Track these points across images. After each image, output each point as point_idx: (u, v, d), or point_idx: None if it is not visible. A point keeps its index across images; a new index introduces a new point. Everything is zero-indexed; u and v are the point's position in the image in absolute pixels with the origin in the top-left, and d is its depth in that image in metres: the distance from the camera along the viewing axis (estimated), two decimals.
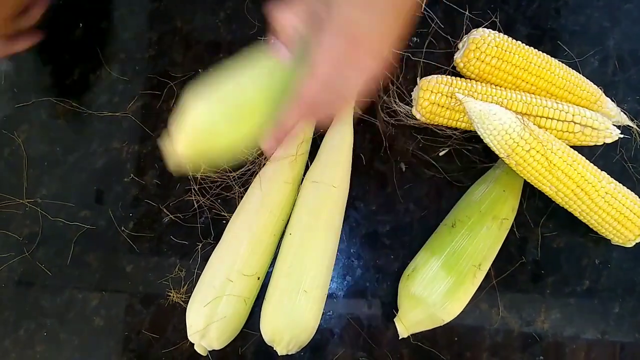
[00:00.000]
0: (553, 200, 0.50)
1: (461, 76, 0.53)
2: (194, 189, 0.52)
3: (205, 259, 0.49)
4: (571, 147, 0.48)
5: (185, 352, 0.49)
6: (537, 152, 0.45)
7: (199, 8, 0.57)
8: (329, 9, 0.33)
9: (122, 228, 0.52)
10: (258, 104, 0.36)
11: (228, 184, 0.53)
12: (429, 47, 0.57)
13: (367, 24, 0.32)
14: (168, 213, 0.52)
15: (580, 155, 0.48)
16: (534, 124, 0.47)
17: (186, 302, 0.48)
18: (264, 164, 0.52)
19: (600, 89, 0.53)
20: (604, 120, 0.50)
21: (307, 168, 0.52)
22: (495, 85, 0.52)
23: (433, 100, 0.50)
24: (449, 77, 0.51)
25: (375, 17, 0.32)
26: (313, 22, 0.35)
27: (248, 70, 0.37)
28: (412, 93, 0.54)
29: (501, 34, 0.51)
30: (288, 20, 0.36)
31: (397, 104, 0.54)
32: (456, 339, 0.51)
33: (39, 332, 0.51)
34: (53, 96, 0.55)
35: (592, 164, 0.48)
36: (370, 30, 0.33)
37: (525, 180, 0.49)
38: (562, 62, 0.53)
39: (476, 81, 0.52)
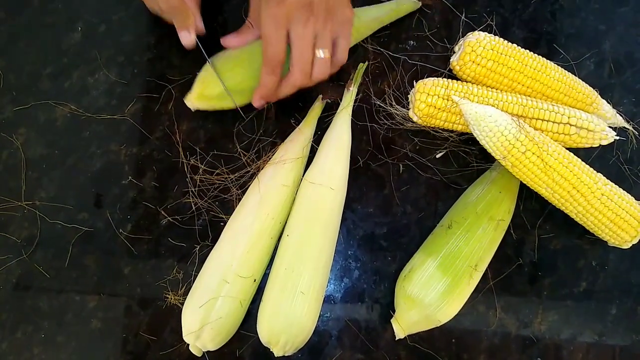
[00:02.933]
0: (549, 202, 0.50)
1: (457, 79, 0.54)
2: (191, 191, 0.53)
3: (203, 261, 0.49)
4: (567, 149, 0.49)
5: (183, 354, 0.49)
6: (533, 153, 0.45)
7: None
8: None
9: (120, 230, 0.52)
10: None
11: (226, 186, 0.53)
12: (425, 50, 0.57)
13: None
14: (166, 215, 0.53)
15: (576, 157, 0.48)
16: (529, 126, 0.48)
17: (184, 304, 0.48)
18: (263, 167, 0.52)
19: (596, 91, 0.53)
20: (600, 122, 0.50)
21: (305, 171, 0.52)
22: (491, 88, 0.52)
23: (429, 102, 0.50)
24: (445, 79, 0.51)
25: None
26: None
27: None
28: (408, 96, 0.54)
29: (497, 37, 0.51)
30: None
31: (393, 107, 0.54)
32: (453, 340, 0.51)
33: (36, 334, 0.51)
34: (51, 99, 0.56)
35: (588, 166, 0.48)
36: None
37: (521, 182, 0.50)
38: (558, 64, 0.53)
39: (472, 84, 0.52)
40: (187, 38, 0.50)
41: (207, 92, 0.51)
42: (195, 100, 0.51)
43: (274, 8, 0.43)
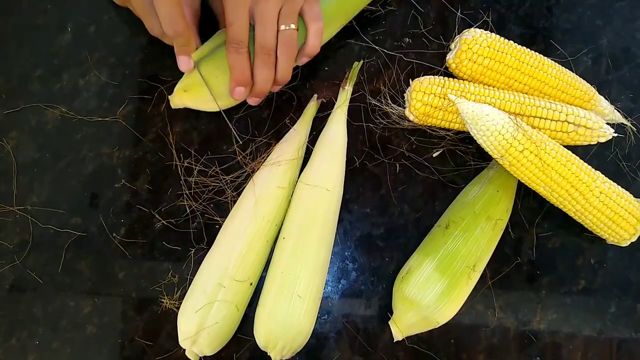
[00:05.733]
0: (548, 200, 0.49)
1: (454, 77, 0.53)
2: (185, 193, 0.52)
3: (199, 264, 0.48)
4: (565, 146, 0.48)
5: (179, 359, 0.49)
6: (531, 152, 0.45)
7: None
8: None
9: (114, 234, 0.52)
10: None
11: (220, 188, 0.52)
12: (421, 48, 0.57)
13: None
14: (160, 218, 0.52)
15: (574, 154, 0.47)
16: (527, 124, 0.47)
17: (179, 308, 0.47)
18: (257, 168, 0.51)
19: (594, 87, 0.53)
20: (598, 120, 0.50)
21: (301, 173, 0.51)
22: (488, 86, 0.51)
23: (426, 101, 0.50)
24: (441, 78, 0.51)
25: None
26: None
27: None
28: (404, 94, 0.54)
29: (493, 34, 0.51)
30: None
31: (389, 106, 0.53)
32: (452, 340, 0.51)
33: (31, 340, 0.50)
34: (42, 102, 0.55)
35: (586, 164, 0.48)
36: None
37: (519, 181, 0.49)
38: (555, 61, 0.53)
39: (469, 82, 0.51)
40: (186, 64, 0.49)
41: (190, 92, 0.50)
42: (178, 99, 0.50)
43: None
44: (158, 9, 0.43)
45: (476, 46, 0.49)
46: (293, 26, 0.46)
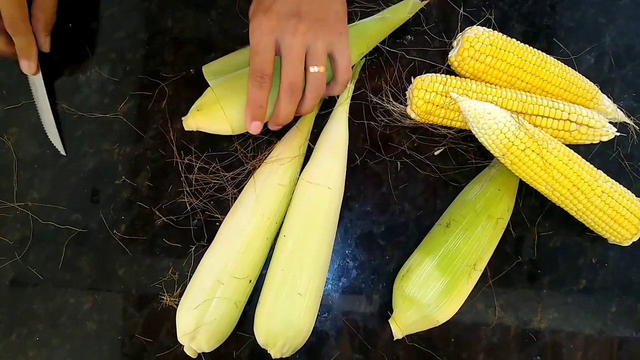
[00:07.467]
0: (549, 199, 0.49)
1: (456, 74, 0.53)
2: (186, 190, 0.52)
3: (199, 261, 0.48)
4: (567, 145, 0.48)
5: (179, 356, 0.49)
6: (533, 151, 0.45)
7: (190, 7, 0.57)
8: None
9: (114, 231, 0.52)
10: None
11: (221, 186, 0.52)
12: (423, 45, 0.56)
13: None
14: (160, 215, 0.52)
15: (576, 153, 0.47)
16: (529, 123, 0.47)
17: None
18: (258, 166, 0.51)
19: (597, 85, 0.53)
20: (600, 119, 0.50)
21: (302, 170, 0.51)
22: (490, 84, 0.51)
23: (427, 99, 0.49)
24: (443, 75, 0.50)
25: None
26: None
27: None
28: (406, 92, 0.53)
29: (496, 32, 0.50)
30: None
31: (391, 104, 0.53)
32: (452, 339, 0.51)
33: (31, 337, 0.50)
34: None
35: (588, 163, 0.48)
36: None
37: (521, 179, 0.49)
38: (558, 59, 0.52)
39: (471, 80, 0.51)
40: (28, 68, 0.50)
41: (204, 114, 0.49)
42: (192, 120, 0.49)
43: (260, 17, 0.42)
44: (1, 6, 0.43)
45: (478, 44, 0.49)
46: (322, 69, 0.44)
